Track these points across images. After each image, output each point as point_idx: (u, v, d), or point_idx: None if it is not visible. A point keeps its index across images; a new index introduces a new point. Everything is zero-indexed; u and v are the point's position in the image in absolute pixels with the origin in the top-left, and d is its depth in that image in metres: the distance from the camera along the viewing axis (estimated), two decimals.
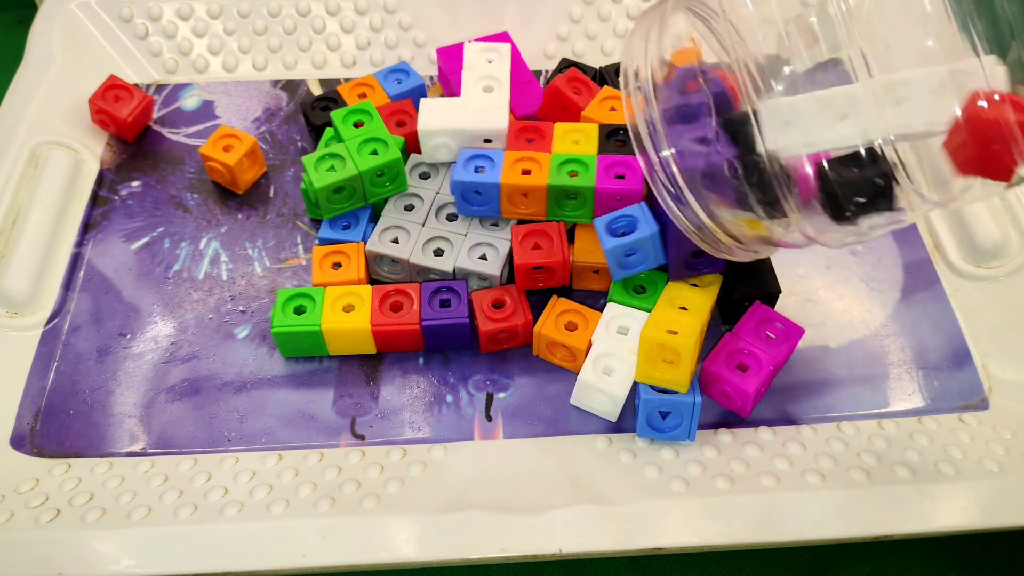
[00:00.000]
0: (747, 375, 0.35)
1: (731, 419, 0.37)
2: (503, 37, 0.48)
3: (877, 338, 0.40)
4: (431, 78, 0.52)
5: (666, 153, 0.32)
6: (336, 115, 0.42)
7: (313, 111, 0.46)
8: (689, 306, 0.36)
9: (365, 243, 0.40)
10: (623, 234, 0.36)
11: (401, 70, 0.47)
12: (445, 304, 0.38)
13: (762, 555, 0.38)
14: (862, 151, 0.28)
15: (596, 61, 0.52)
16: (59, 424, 0.37)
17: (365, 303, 0.38)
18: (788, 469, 0.34)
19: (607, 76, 0.48)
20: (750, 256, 0.34)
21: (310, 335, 0.37)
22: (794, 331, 0.37)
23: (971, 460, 0.34)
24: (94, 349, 0.39)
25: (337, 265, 0.40)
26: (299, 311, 0.38)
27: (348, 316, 0.37)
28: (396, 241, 0.40)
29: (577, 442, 0.36)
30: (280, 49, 0.52)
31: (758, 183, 0.30)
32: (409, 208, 0.41)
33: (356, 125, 0.41)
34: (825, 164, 0.29)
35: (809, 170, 0.28)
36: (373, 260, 0.40)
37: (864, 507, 0.32)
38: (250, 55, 0.52)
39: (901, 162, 0.28)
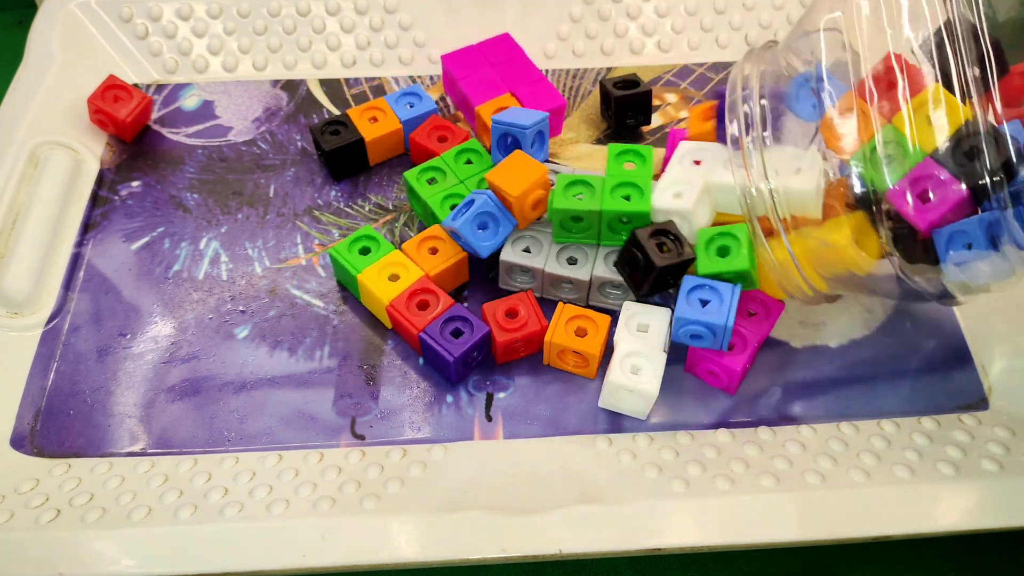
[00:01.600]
0: (733, 353, 0.36)
1: (731, 419, 0.37)
2: (505, 38, 0.48)
3: (877, 338, 0.40)
4: (431, 78, 0.52)
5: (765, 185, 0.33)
6: (612, 148, 0.40)
7: (323, 135, 0.45)
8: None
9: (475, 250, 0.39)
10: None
11: (413, 93, 0.47)
12: (456, 334, 0.37)
13: (762, 555, 0.38)
14: None
15: (596, 61, 0.52)
16: (59, 424, 0.37)
17: (404, 284, 0.38)
18: (788, 469, 0.34)
19: (606, 87, 0.47)
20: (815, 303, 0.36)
21: (348, 274, 0.39)
22: (775, 306, 0.37)
23: (971, 460, 0.34)
24: (94, 349, 0.39)
25: (434, 251, 0.40)
26: (363, 251, 0.40)
27: (382, 283, 0.38)
28: (528, 251, 0.39)
29: (577, 442, 0.36)
30: (280, 49, 0.52)
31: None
32: (539, 217, 0.40)
33: (627, 166, 0.39)
34: None
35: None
36: (506, 271, 0.40)
37: (864, 507, 0.32)
38: (250, 55, 0.52)
39: None
